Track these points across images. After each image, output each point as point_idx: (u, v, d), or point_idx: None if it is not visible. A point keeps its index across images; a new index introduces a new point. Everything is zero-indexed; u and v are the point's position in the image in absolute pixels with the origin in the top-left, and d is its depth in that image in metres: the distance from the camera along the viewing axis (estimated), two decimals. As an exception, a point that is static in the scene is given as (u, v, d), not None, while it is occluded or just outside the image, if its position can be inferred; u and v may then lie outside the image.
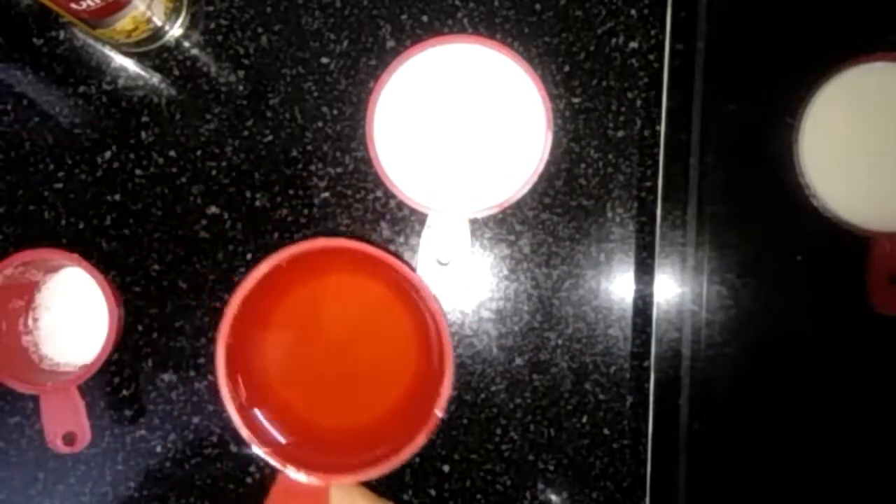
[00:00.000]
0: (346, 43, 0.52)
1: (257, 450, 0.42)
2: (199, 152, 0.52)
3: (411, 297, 0.46)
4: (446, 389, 0.42)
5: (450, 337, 0.43)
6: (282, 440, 0.45)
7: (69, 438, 0.47)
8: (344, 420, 0.48)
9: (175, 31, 0.51)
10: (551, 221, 0.51)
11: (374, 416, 0.48)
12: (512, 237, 0.52)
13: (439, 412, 0.42)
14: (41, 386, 0.47)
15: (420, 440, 0.42)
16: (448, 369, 0.42)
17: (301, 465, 0.42)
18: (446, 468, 0.52)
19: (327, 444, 0.47)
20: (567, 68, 0.51)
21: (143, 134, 0.52)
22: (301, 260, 0.44)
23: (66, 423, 0.47)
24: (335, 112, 0.52)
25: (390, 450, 0.43)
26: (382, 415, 0.48)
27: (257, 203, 0.52)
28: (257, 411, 0.45)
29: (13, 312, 0.49)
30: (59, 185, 0.52)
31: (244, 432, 0.42)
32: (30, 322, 0.50)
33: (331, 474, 0.42)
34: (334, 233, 0.52)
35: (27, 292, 0.50)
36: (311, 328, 0.50)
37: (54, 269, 0.50)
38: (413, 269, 0.43)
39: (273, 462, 0.42)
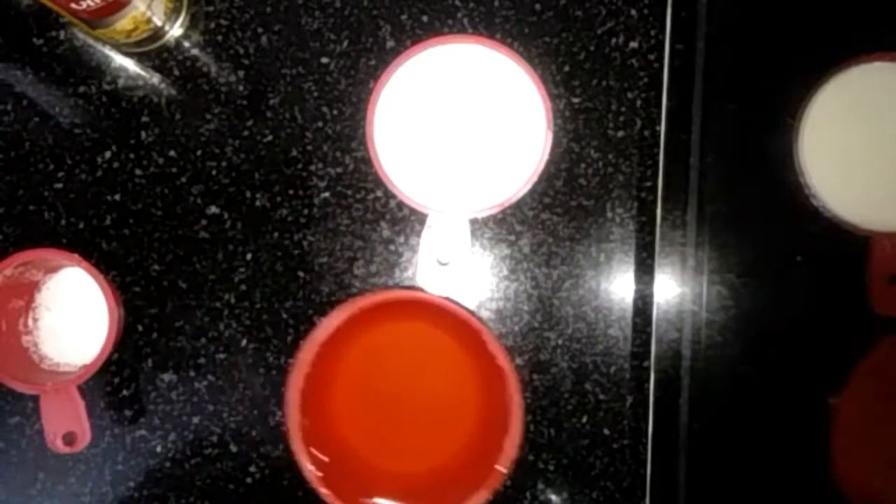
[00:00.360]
0: (346, 43, 0.52)
1: (323, 492, 0.42)
2: (199, 152, 0.52)
3: (477, 350, 0.46)
4: (512, 447, 0.42)
5: (519, 393, 0.42)
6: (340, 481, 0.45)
7: (69, 438, 0.47)
8: (403, 466, 0.49)
9: (175, 31, 0.51)
10: (551, 221, 0.51)
11: (434, 463, 0.48)
12: (512, 237, 0.52)
13: (503, 468, 0.42)
14: (41, 386, 0.47)
15: (482, 496, 0.42)
16: (515, 426, 0.42)
17: None
18: (446, 468, 0.52)
19: (386, 489, 0.47)
20: (567, 68, 0.51)
21: (143, 134, 0.52)
22: (370, 308, 0.44)
23: (66, 423, 0.47)
24: (335, 112, 0.52)
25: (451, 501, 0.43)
26: (443, 462, 0.48)
27: (257, 203, 0.52)
28: (316, 452, 0.45)
29: (13, 312, 0.49)
30: (59, 185, 0.52)
31: (323, 492, 0.43)
32: (30, 322, 0.50)
33: None
34: (335, 231, 0.52)
35: (27, 292, 0.50)
36: (373, 374, 0.50)
37: (54, 269, 0.50)
38: (482, 322, 0.43)
39: None
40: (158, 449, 0.52)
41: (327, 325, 0.43)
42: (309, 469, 0.43)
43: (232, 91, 0.52)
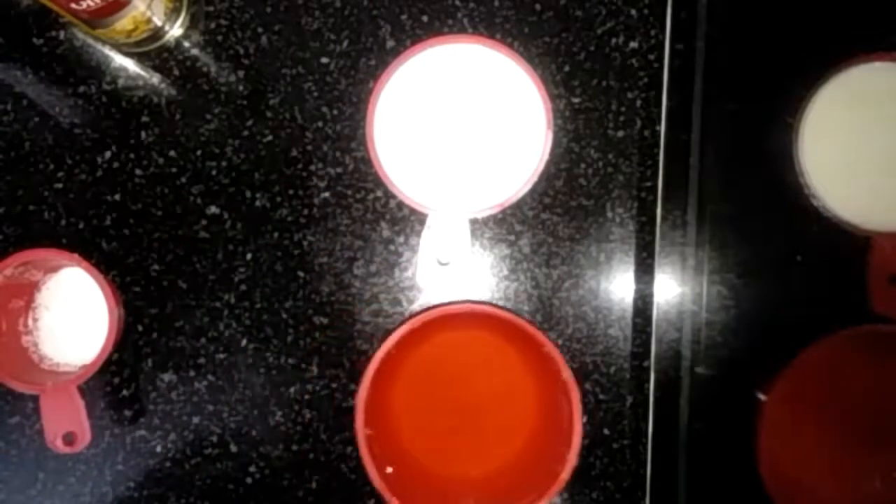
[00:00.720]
0: (346, 43, 0.52)
1: (392, 501, 0.44)
2: (199, 152, 0.52)
3: (535, 358, 0.47)
4: (573, 455, 0.43)
5: (579, 402, 0.44)
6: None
7: (69, 438, 0.47)
8: (461, 471, 0.49)
9: (175, 31, 0.51)
10: (551, 221, 0.51)
11: (491, 468, 0.49)
12: (512, 237, 0.52)
13: (564, 475, 0.43)
14: (41, 386, 0.47)
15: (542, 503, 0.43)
16: (576, 434, 0.44)
17: None
18: (446, 468, 0.52)
19: (443, 493, 0.48)
20: (567, 68, 0.51)
21: (143, 134, 0.52)
22: (431, 320, 0.45)
23: (66, 423, 0.47)
24: (335, 112, 0.52)
25: None
26: (499, 468, 0.49)
27: (257, 203, 0.52)
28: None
29: (13, 312, 0.49)
30: (59, 185, 0.52)
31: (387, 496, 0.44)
32: (30, 322, 0.50)
33: None
34: (335, 231, 0.52)
35: (27, 292, 0.50)
36: (431, 382, 0.51)
37: (54, 269, 0.50)
38: (547, 337, 0.45)
39: None
40: (158, 449, 0.52)
41: (391, 341, 0.45)
42: (378, 480, 0.44)
43: (232, 91, 0.52)
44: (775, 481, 0.45)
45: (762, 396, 0.47)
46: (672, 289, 0.50)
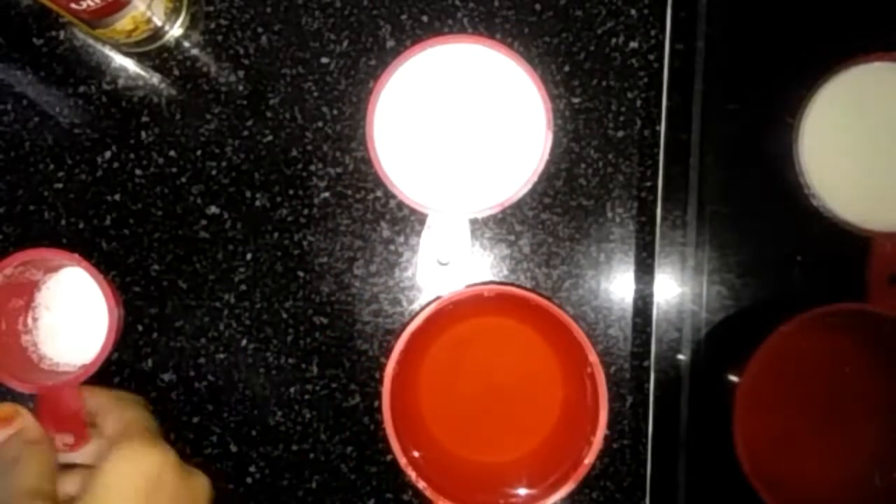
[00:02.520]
0: (346, 43, 0.52)
1: (419, 483, 0.44)
2: (199, 152, 0.52)
3: (561, 344, 0.47)
4: (598, 440, 0.44)
5: (605, 388, 0.44)
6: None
7: (68, 439, 0.47)
8: (487, 457, 0.49)
9: (175, 31, 0.51)
10: (551, 221, 0.51)
11: (518, 454, 0.49)
12: (512, 237, 0.52)
13: (589, 459, 0.44)
14: (40, 385, 0.47)
15: (567, 488, 0.44)
16: (601, 420, 0.44)
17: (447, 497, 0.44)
18: (446, 468, 0.52)
19: (469, 478, 0.48)
20: (567, 68, 0.51)
21: (143, 134, 0.52)
22: (461, 302, 0.45)
23: (65, 423, 0.47)
24: (335, 112, 0.52)
25: (534, 495, 0.45)
26: (526, 454, 0.49)
27: (257, 203, 0.52)
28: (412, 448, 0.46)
29: (13, 312, 0.49)
30: (59, 185, 0.52)
31: (421, 485, 0.44)
32: (29, 321, 0.50)
33: None
34: (335, 231, 0.52)
35: (27, 292, 0.50)
36: (457, 368, 0.51)
37: (54, 269, 0.50)
38: (573, 320, 0.44)
39: (429, 496, 0.44)
40: (158, 449, 0.52)
41: (419, 320, 0.44)
42: (405, 463, 0.44)
43: (232, 91, 0.52)
44: (751, 463, 0.45)
45: (734, 378, 0.47)
46: (672, 289, 0.50)
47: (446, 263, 0.48)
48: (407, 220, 0.52)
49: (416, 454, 0.45)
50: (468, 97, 0.48)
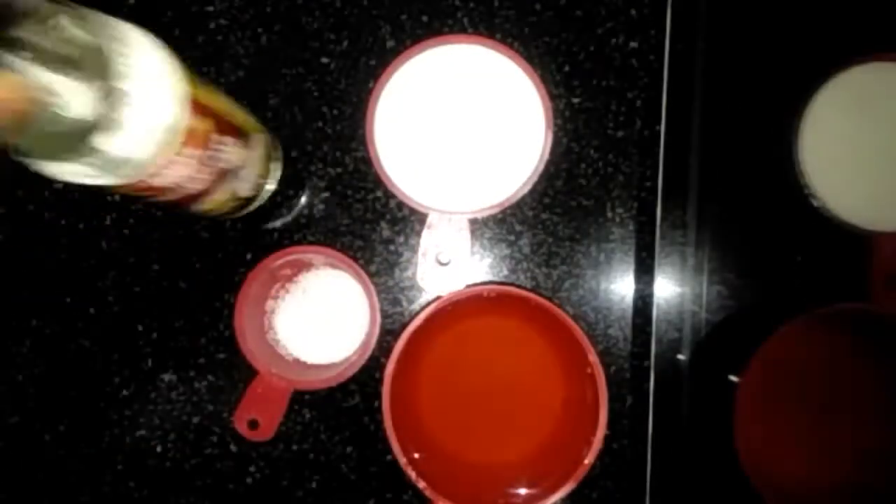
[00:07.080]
0: (346, 43, 0.52)
1: (419, 483, 0.44)
2: (199, 152, 0.52)
3: (561, 345, 0.47)
4: (598, 440, 0.44)
5: (605, 388, 0.44)
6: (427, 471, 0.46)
7: (254, 424, 0.48)
8: (487, 457, 0.49)
9: (270, 186, 0.49)
10: (551, 221, 0.51)
11: (517, 454, 0.49)
12: (512, 237, 0.52)
13: (589, 460, 0.44)
14: (265, 365, 0.47)
15: (567, 488, 0.44)
16: (601, 420, 0.44)
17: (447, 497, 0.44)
18: (446, 468, 0.52)
19: (469, 479, 0.48)
20: (567, 68, 0.51)
21: (143, 134, 0.52)
22: (461, 302, 0.45)
23: (263, 410, 0.48)
24: (335, 112, 0.52)
25: (534, 495, 0.45)
26: (525, 454, 0.49)
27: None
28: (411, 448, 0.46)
29: (264, 299, 0.50)
30: (59, 186, 0.52)
31: (421, 485, 0.44)
32: (276, 316, 0.51)
33: None
34: (335, 231, 0.52)
35: (282, 286, 0.51)
36: (457, 368, 0.51)
37: (307, 268, 0.51)
38: (573, 320, 0.45)
39: (429, 496, 0.44)
40: (158, 449, 0.52)
41: (419, 320, 0.44)
42: (405, 463, 0.44)
43: (232, 91, 0.52)
44: (751, 462, 0.45)
45: (735, 378, 0.47)
46: (672, 289, 0.50)
47: (446, 263, 0.47)
48: (407, 220, 0.52)
49: (416, 454, 0.45)
50: (468, 97, 0.48)
